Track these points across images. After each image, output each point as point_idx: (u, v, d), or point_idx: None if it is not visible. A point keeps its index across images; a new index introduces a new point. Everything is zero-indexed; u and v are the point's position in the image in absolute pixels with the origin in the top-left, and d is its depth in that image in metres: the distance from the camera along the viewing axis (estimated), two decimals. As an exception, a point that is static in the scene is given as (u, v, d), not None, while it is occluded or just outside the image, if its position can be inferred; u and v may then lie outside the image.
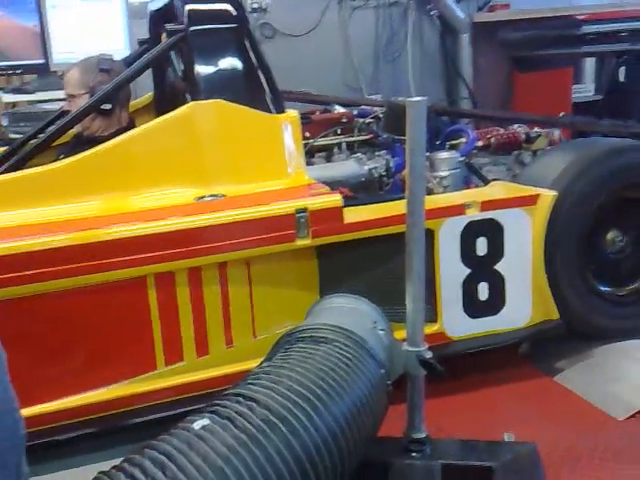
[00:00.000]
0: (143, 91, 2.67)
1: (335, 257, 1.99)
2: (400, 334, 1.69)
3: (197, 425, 1.22)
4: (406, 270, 1.56)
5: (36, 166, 1.97)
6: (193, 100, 2.04)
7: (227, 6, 2.11)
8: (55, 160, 2.12)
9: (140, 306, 1.85)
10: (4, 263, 1.69)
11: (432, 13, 4.47)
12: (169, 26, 2.06)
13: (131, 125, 2.31)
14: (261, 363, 1.48)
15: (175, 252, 1.83)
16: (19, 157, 2.01)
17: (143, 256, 1.80)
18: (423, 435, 1.60)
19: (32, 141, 2.39)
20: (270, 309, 1.99)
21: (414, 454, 1.58)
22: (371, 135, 2.65)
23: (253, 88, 2.11)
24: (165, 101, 2.58)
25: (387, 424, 1.55)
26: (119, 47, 3.28)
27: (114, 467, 1.17)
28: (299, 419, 1.25)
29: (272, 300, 1.98)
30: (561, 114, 3.00)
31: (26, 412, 1.34)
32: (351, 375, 1.39)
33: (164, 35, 2.19)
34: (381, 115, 2.68)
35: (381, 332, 1.59)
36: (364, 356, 1.45)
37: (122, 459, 1.18)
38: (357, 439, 1.34)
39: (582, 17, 3.88)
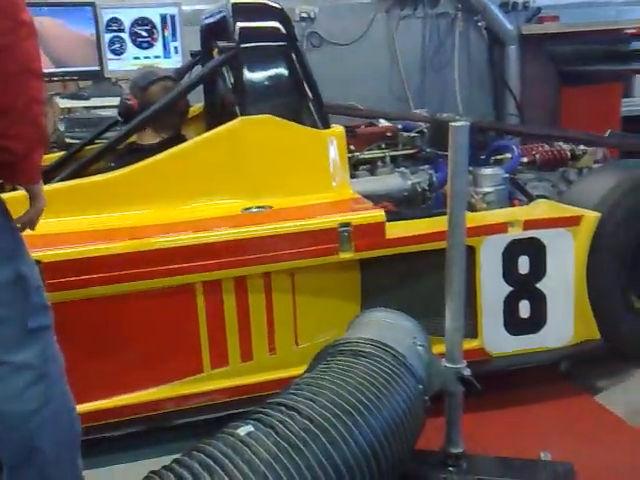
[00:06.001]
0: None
1: (377, 270, 2.03)
2: (440, 348, 1.73)
3: (242, 431, 1.27)
4: (445, 289, 1.59)
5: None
6: (242, 113, 2.11)
7: (277, 24, 2.18)
8: (106, 166, 2.22)
9: (188, 312, 1.93)
10: (62, 268, 1.78)
11: (480, 24, 4.47)
12: (221, 43, 2.13)
13: (177, 135, 2.39)
14: (302, 374, 1.54)
15: (221, 262, 1.90)
16: (79, 164, 2.10)
17: (191, 265, 1.88)
18: (460, 450, 1.63)
19: (89, 147, 2.50)
20: (312, 319, 2.04)
21: (451, 469, 1.61)
22: (415, 149, 2.68)
23: (300, 104, 2.17)
24: (215, 111, 2.66)
25: (425, 436, 1.58)
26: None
27: (164, 467, 1.24)
28: (339, 431, 1.30)
29: (315, 310, 2.04)
30: (608, 131, 2.98)
31: (80, 409, 1.42)
32: (390, 390, 1.43)
33: (216, 51, 2.27)
34: (425, 130, 2.71)
35: (420, 348, 1.63)
36: (403, 372, 1.49)
37: (172, 459, 1.25)
38: (395, 453, 1.38)
39: (631, 31, 3.84)
